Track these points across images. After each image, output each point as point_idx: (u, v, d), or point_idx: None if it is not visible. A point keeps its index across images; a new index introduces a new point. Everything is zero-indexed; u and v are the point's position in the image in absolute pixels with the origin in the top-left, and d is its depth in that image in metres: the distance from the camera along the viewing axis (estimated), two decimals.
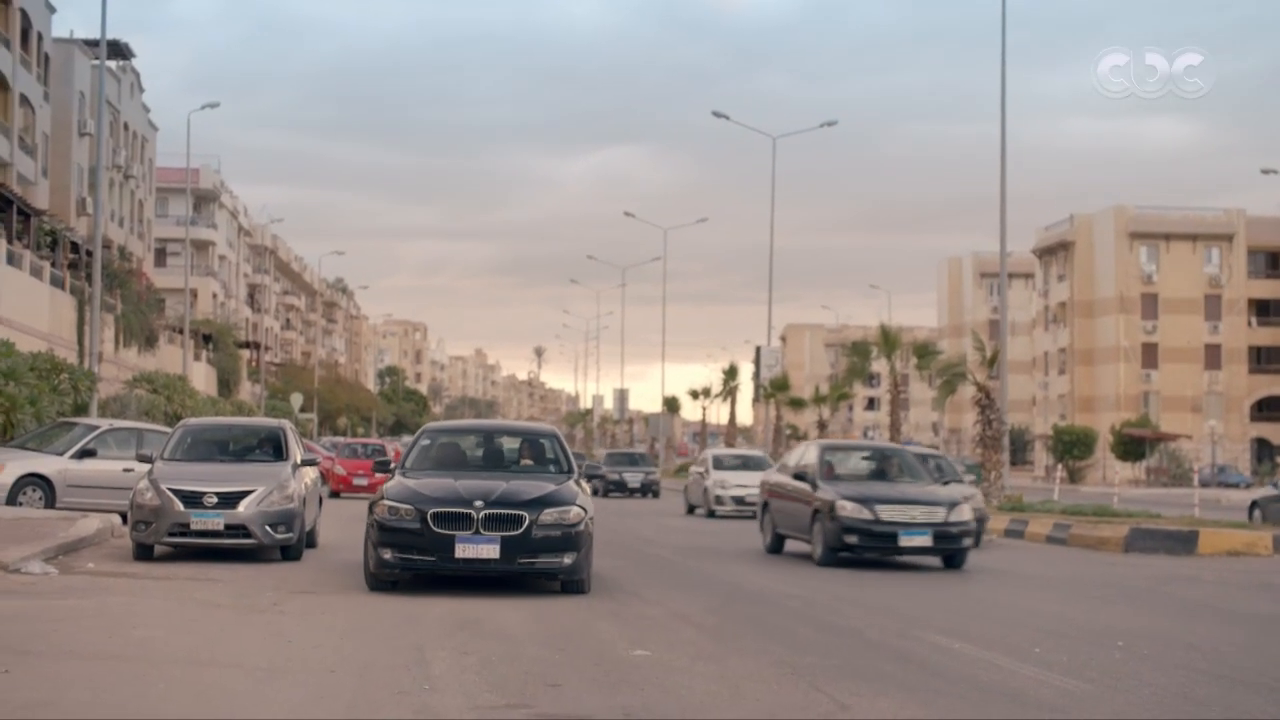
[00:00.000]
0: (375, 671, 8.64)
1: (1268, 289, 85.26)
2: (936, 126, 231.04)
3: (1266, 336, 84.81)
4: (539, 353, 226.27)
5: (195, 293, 71.41)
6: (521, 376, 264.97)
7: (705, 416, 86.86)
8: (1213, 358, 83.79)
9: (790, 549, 19.33)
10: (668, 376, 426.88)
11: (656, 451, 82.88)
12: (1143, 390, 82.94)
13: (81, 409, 30.15)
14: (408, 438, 14.82)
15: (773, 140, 56.93)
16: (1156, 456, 73.28)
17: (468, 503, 12.55)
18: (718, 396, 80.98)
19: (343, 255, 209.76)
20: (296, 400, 70.70)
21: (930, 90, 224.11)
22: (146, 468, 16.69)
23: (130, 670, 8.57)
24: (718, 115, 56.85)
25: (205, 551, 15.83)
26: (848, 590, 14.79)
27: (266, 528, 15.55)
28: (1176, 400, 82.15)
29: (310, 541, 17.29)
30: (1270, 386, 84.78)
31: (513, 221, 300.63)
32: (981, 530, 20.55)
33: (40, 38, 49.59)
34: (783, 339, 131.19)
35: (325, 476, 27.14)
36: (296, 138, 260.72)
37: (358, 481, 35.52)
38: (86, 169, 53.50)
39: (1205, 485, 45.86)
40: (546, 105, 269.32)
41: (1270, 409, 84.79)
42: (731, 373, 78.94)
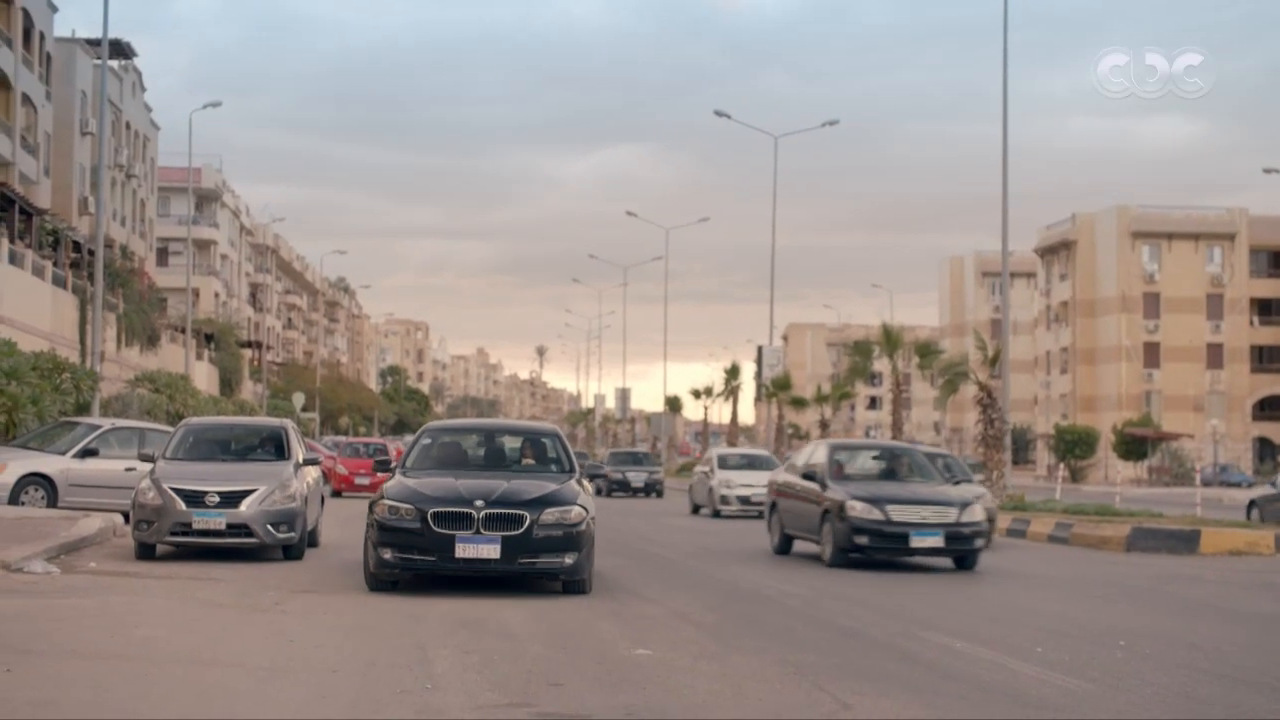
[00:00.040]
0: (377, 670, 8.64)
1: (1270, 288, 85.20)
2: (938, 126, 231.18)
3: (1268, 336, 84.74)
4: (541, 352, 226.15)
5: (197, 292, 71.40)
6: (523, 376, 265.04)
7: (707, 416, 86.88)
8: (1215, 357, 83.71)
9: (799, 549, 19.19)
10: (670, 376, 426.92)
11: (658, 451, 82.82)
12: (1145, 389, 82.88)
13: (83, 408, 30.17)
14: (409, 437, 14.80)
15: (774, 139, 56.99)
16: (1158, 456, 73.21)
17: (468, 502, 12.49)
18: (720, 396, 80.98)
19: (344, 254, 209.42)
20: (298, 399, 70.73)
21: (931, 90, 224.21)
22: (148, 467, 16.70)
23: (132, 669, 8.57)
24: (719, 114, 56.88)
25: (207, 551, 15.84)
26: (850, 590, 14.78)
27: (268, 527, 15.56)
28: (1178, 399, 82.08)
29: (312, 541, 17.29)
30: (1272, 386, 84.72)
31: (514, 221, 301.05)
32: (992, 530, 20.38)
33: (42, 37, 49.62)
34: (784, 338, 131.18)
35: (327, 476, 27.16)
36: (298, 137, 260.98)
37: (360, 481, 35.54)
38: (88, 168, 53.53)
39: (1207, 484, 45.76)
40: (548, 104, 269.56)
41: (1272, 408, 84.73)
42: (733, 372, 78.92)
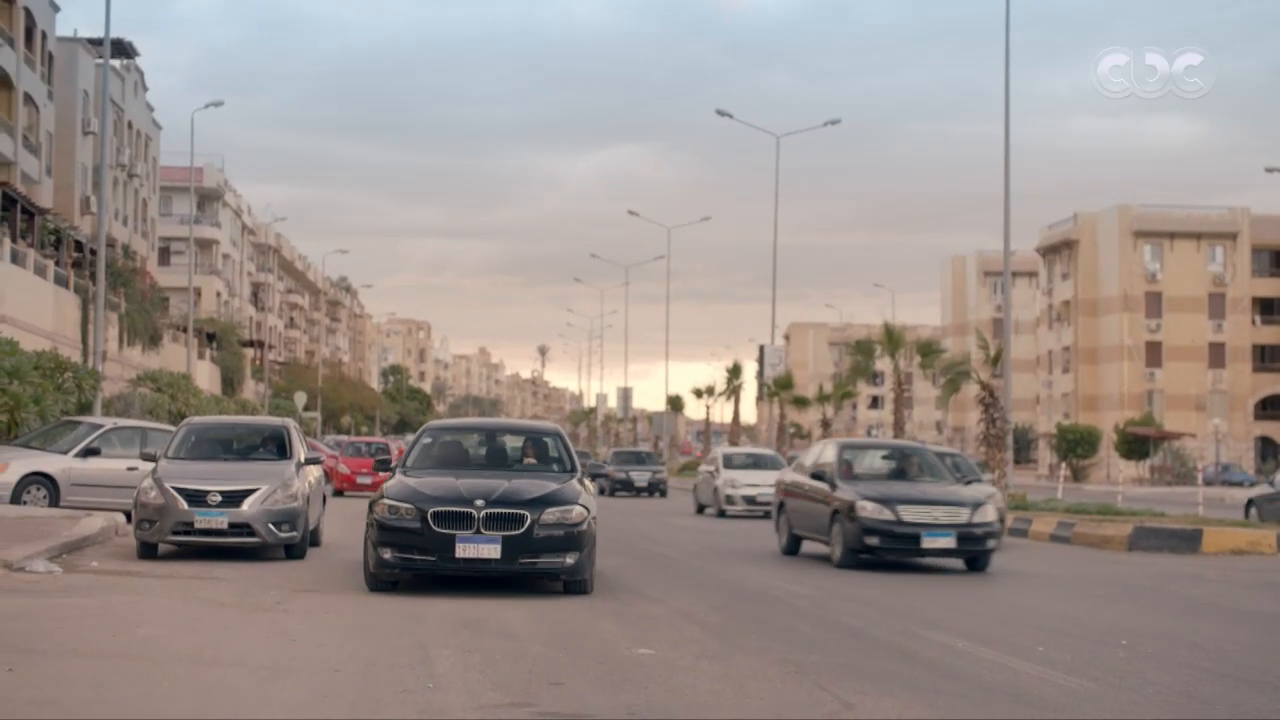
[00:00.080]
0: (379, 670, 8.64)
1: (1272, 287, 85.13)
2: (939, 125, 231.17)
3: (1270, 335, 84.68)
4: (543, 351, 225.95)
5: (199, 291, 71.46)
6: (525, 375, 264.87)
7: (709, 415, 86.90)
8: (1217, 356, 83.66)
9: (807, 550, 19.03)
10: (671, 375, 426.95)
11: (660, 450, 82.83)
12: (1147, 389, 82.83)
13: (85, 408, 30.18)
14: (411, 436, 14.79)
15: (776, 139, 56.98)
16: (1160, 455, 73.15)
17: (468, 502, 12.42)
18: (721, 395, 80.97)
19: (346, 254, 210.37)
20: (300, 399, 70.72)
21: (933, 89, 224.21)
22: (150, 466, 16.70)
23: (134, 669, 8.57)
24: (721, 114, 56.86)
25: (209, 550, 15.84)
26: (853, 589, 14.77)
27: (270, 526, 15.56)
28: (1180, 399, 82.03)
29: (314, 540, 17.29)
30: (1274, 385, 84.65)
31: (516, 220, 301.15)
32: (1003, 531, 20.06)
33: (44, 36, 49.62)
34: (786, 337, 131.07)
35: (329, 475, 27.17)
36: (300, 136, 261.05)
37: (361, 480, 35.54)
38: (90, 168, 53.56)
39: (1209, 484, 45.72)
40: (549, 104, 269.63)
41: (1274, 407, 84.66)
42: (735, 371, 78.88)
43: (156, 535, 15.44)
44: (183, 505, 15.34)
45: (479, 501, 12.41)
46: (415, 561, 12.47)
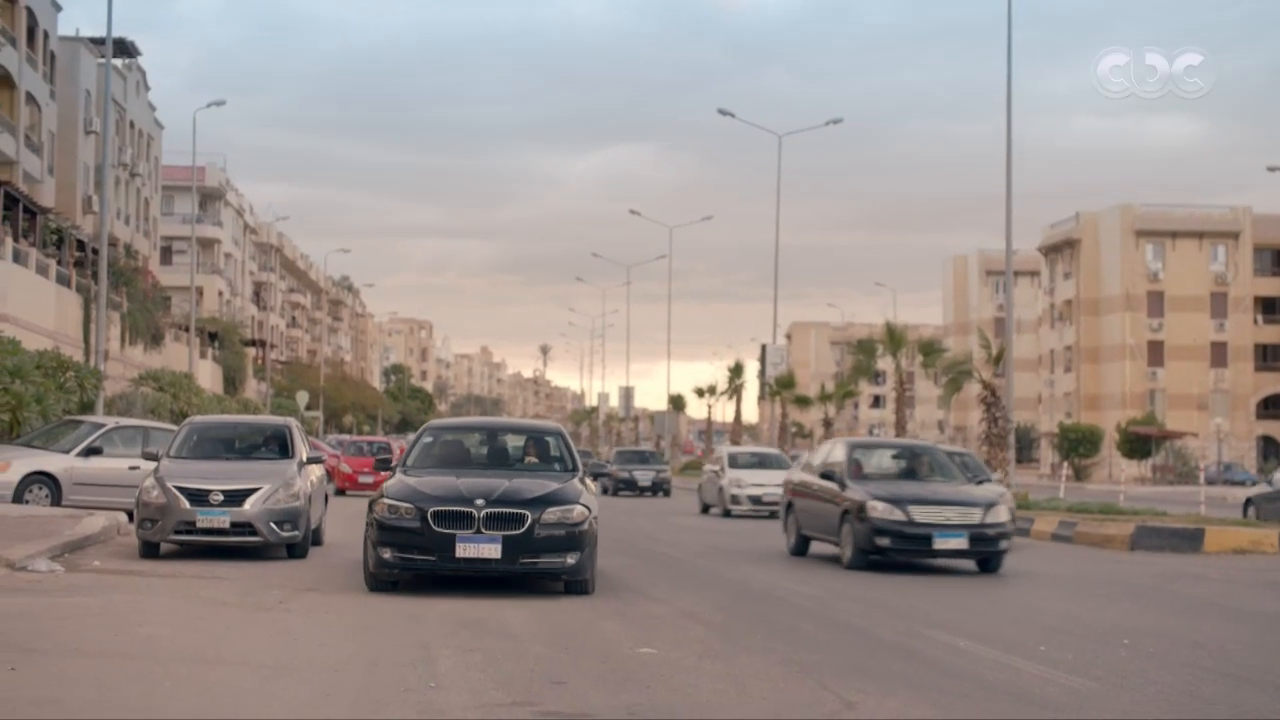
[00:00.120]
0: (381, 669, 8.64)
1: (1274, 286, 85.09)
2: (941, 125, 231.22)
3: (1272, 334, 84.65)
4: (544, 350, 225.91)
5: (201, 290, 71.50)
6: (527, 374, 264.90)
7: (711, 414, 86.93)
8: (1219, 355, 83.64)
9: (816, 551, 18.82)
10: (673, 374, 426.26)
11: (662, 449, 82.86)
12: (1148, 388, 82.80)
13: (87, 407, 30.17)
14: (413, 435, 14.75)
15: (778, 138, 56.95)
16: (1162, 454, 73.11)
17: (469, 501, 12.34)
18: (723, 394, 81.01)
19: (348, 253, 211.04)
20: (302, 398, 70.74)
21: (934, 89, 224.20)
22: (152, 465, 16.73)
23: (136, 668, 8.57)
24: (723, 113, 56.84)
25: (211, 549, 15.85)
26: (857, 589, 14.77)
27: (272, 525, 15.57)
28: (1182, 398, 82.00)
29: (316, 539, 17.29)
30: (1276, 384, 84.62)
31: (517, 220, 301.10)
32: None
33: (46, 36, 49.63)
34: (788, 337, 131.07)
35: (331, 474, 27.17)
36: (301, 136, 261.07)
37: (363, 479, 35.54)
38: (92, 167, 53.60)
39: (1211, 483, 45.77)
40: (550, 103, 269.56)
41: (1276, 407, 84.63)
42: (737, 370, 78.91)
43: (158, 534, 15.45)
44: (185, 504, 15.35)
45: (479, 501, 12.33)
46: (415, 561, 12.39)
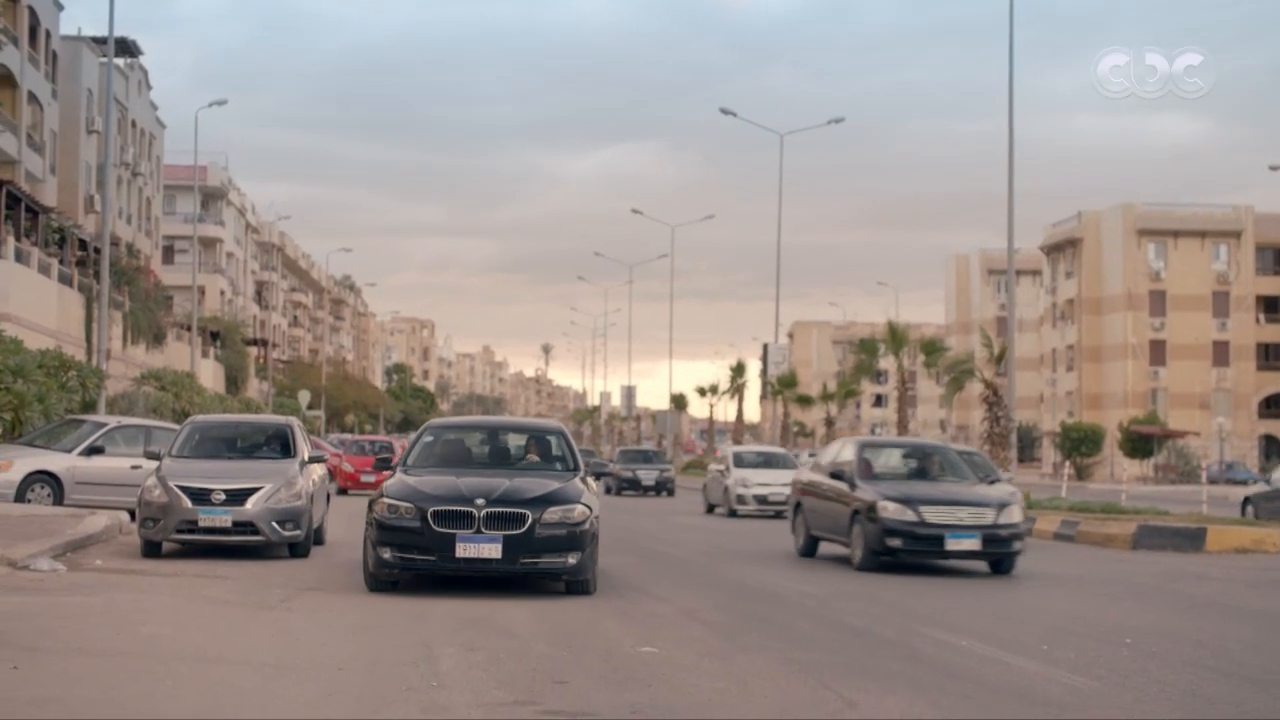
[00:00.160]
0: (383, 668, 8.64)
1: (1276, 285, 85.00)
2: (943, 124, 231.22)
3: (1275, 333, 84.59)
4: (546, 350, 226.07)
5: (203, 290, 71.52)
6: (529, 374, 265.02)
7: (713, 414, 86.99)
8: (1221, 354, 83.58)
9: (825, 551, 18.55)
10: (675, 373, 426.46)
11: (664, 448, 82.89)
12: (1150, 387, 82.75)
13: (89, 406, 30.17)
14: (414, 434, 14.69)
15: (780, 137, 57.01)
16: (1164, 454, 73.02)
17: (469, 501, 12.26)
18: (725, 393, 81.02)
19: (350, 252, 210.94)
20: (304, 397, 70.77)
21: (936, 88, 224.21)
22: (154, 465, 16.73)
23: (138, 667, 8.57)
24: (725, 112, 56.90)
25: (213, 548, 15.85)
26: (859, 588, 14.76)
27: (274, 525, 15.58)
28: (1184, 397, 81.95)
29: (318, 539, 17.30)
30: (1278, 383, 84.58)
31: (519, 219, 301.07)
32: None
33: (48, 35, 49.64)
34: (790, 336, 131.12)
35: (333, 474, 27.17)
36: (303, 135, 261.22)
37: (365, 479, 35.52)
38: (94, 166, 53.60)
39: (1213, 482, 45.70)
40: (553, 102, 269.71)
41: (1278, 406, 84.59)
42: (739, 370, 78.93)
43: (160, 534, 15.46)
44: (187, 504, 15.36)
45: (479, 500, 12.26)
46: (415, 561, 12.31)
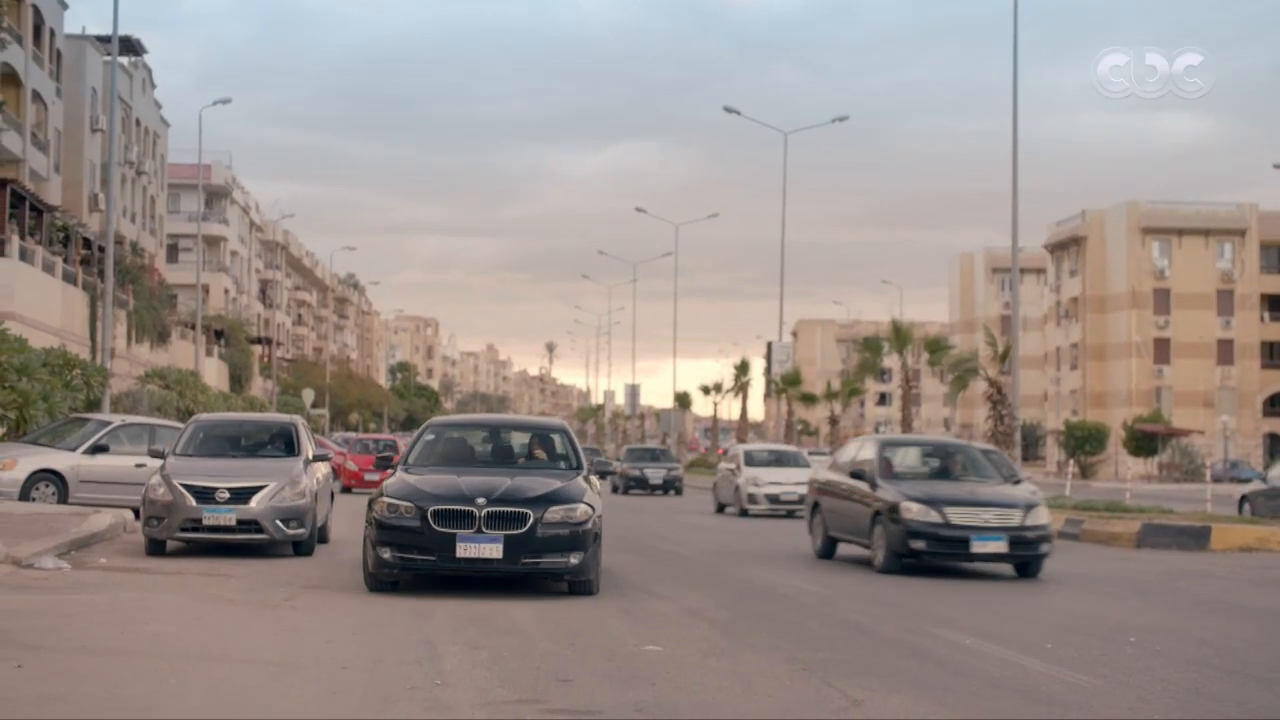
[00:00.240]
0: (387, 667, 8.65)
1: None
2: (947, 122, 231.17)
3: (1279, 331, 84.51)
4: (550, 348, 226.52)
5: (207, 288, 71.55)
6: (533, 372, 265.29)
7: (717, 412, 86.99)
8: (1225, 353, 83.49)
9: (844, 553, 18.15)
10: (679, 372, 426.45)
11: (668, 446, 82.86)
12: (1155, 385, 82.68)
13: (94, 405, 30.20)
14: (416, 432, 14.59)
15: (784, 135, 56.92)
16: (1169, 452, 72.96)
17: (469, 500, 12.14)
18: (729, 392, 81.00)
19: (354, 251, 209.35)
20: (308, 396, 70.78)
21: (940, 86, 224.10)
22: (159, 463, 16.75)
23: (142, 665, 8.58)
24: (729, 110, 56.86)
25: (217, 547, 15.87)
26: (863, 587, 14.76)
27: (278, 523, 15.59)
28: (1189, 395, 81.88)
29: (322, 537, 17.31)
30: None
31: (523, 217, 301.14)
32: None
33: (52, 34, 49.66)
34: (794, 334, 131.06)
35: (337, 472, 27.18)
36: (307, 134, 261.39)
37: (369, 477, 35.49)
38: (98, 165, 53.61)
39: (1218, 481, 45.66)
40: (557, 101, 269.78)
41: None
42: (743, 368, 78.88)
43: (165, 532, 15.48)
44: (191, 502, 15.38)
45: (480, 500, 12.13)
46: (415, 561, 12.19)
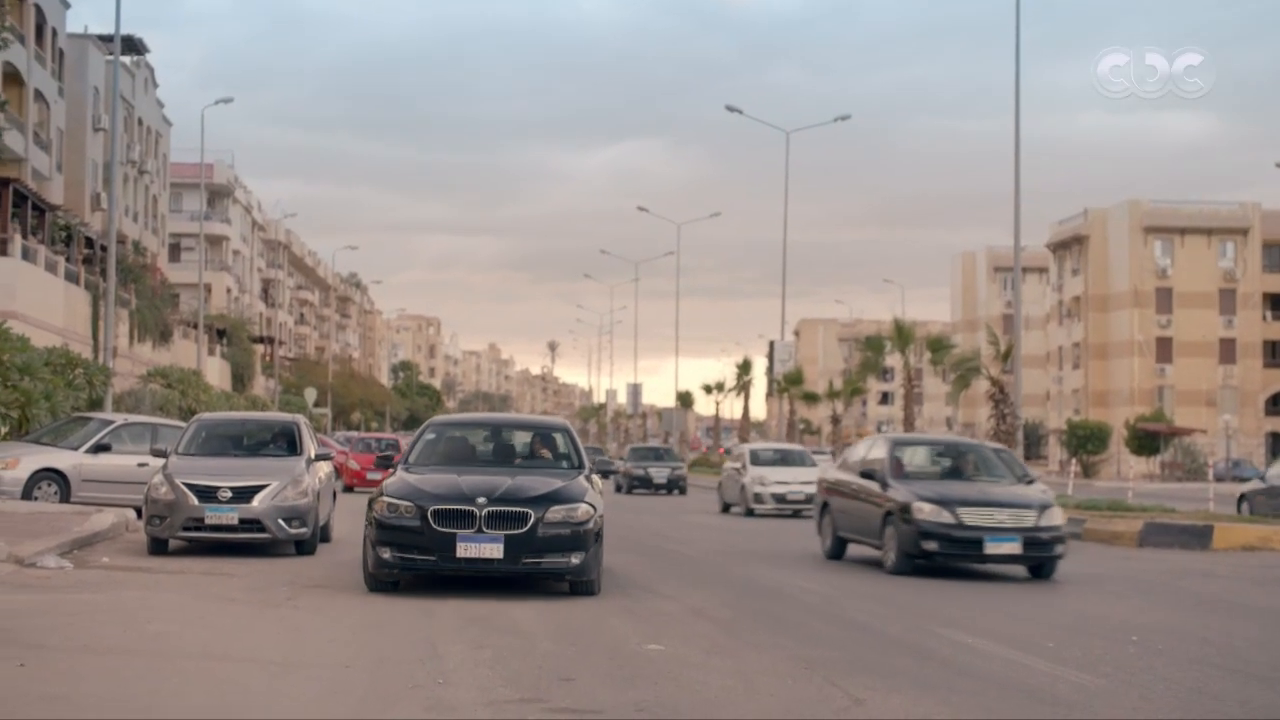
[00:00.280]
0: (389, 666, 8.65)
1: None
2: (949, 121, 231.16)
3: None
4: (552, 347, 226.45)
5: (209, 288, 71.57)
6: (535, 371, 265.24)
7: (719, 411, 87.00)
8: (1227, 352, 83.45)
9: (853, 554, 17.95)
10: (681, 371, 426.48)
11: (670, 445, 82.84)
12: (1157, 385, 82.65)
13: (96, 404, 30.22)
14: (417, 432, 14.53)
15: (786, 135, 56.85)
16: (1171, 451, 72.93)
17: (470, 499, 12.06)
18: (731, 391, 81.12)
19: (356, 250, 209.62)
20: (310, 395, 70.78)
21: (942, 85, 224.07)
22: (161, 462, 16.75)
23: (145, 664, 8.59)
24: (731, 110, 56.82)
25: (220, 546, 15.87)
26: (866, 587, 14.75)
27: (280, 522, 15.59)
28: (1191, 395, 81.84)
29: (324, 536, 17.31)
30: None
31: (526, 217, 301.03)
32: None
33: (55, 33, 49.68)
34: (796, 333, 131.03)
35: (339, 471, 27.19)
36: (310, 133, 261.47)
37: (371, 476, 35.50)
38: (101, 164, 53.65)
39: (1220, 480, 45.61)
40: (559, 100, 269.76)
41: None
42: (745, 367, 78.93)
43: (167, 531, 15.48)
44: (193, 501, 15.39)
45: (481, 499, 12.06)
46: (415, 561, 12.11)
